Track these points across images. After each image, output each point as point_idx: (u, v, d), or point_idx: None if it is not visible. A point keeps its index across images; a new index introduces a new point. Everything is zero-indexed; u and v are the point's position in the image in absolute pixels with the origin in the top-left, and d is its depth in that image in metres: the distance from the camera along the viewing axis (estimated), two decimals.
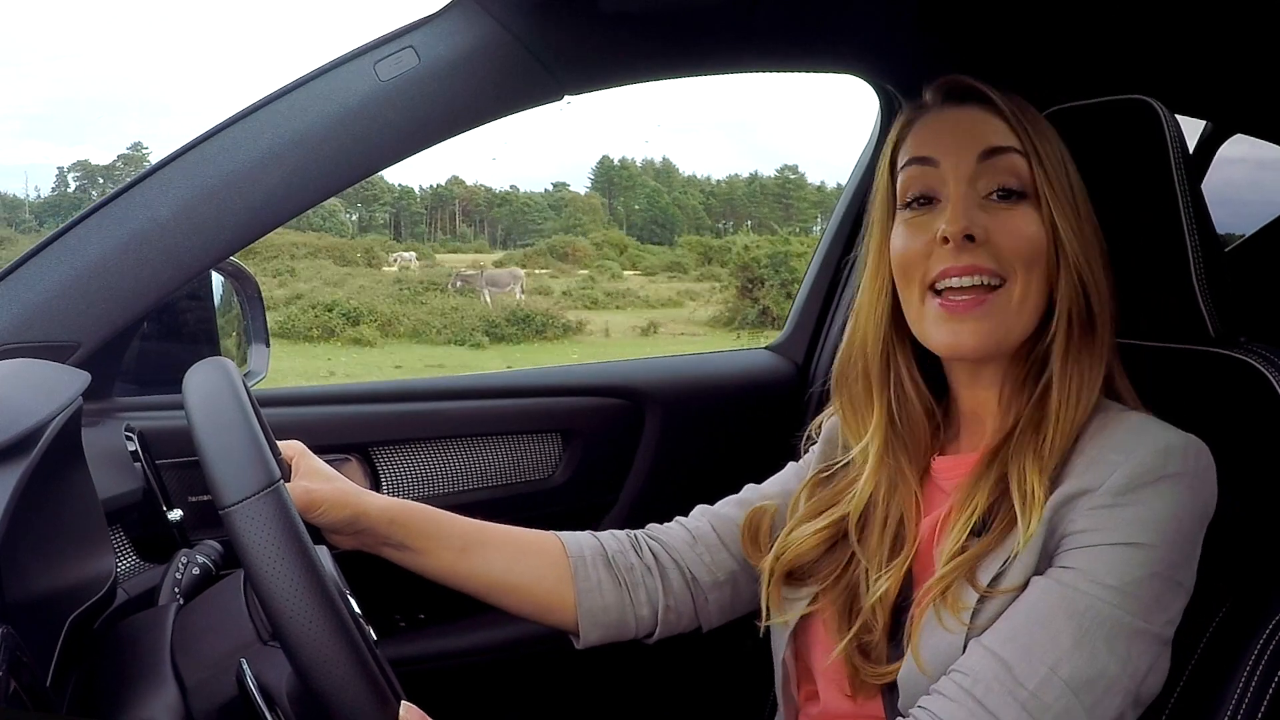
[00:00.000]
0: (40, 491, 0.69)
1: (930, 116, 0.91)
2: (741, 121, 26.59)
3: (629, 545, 1.03)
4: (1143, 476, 0.78)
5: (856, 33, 1.38)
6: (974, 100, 0.89)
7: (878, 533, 0.91)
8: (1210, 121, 1.92)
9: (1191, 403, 0.90)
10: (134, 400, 1.24)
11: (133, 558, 1.07)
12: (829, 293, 1.67)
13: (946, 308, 0.85)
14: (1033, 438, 0.83)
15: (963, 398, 0.93)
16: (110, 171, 21.67)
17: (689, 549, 1.03)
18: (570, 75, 1.18)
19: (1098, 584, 0.76)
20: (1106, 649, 0.75)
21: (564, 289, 15.10)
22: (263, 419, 0.78)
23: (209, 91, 26.33)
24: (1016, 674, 0.75)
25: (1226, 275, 0.96)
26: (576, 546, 1.01)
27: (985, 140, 0.86)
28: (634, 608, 1.00)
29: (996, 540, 0.82)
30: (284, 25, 32.75)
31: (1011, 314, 0.85)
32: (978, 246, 0.84)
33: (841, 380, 0.97)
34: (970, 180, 0.86)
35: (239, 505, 0.65)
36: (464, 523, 1.01)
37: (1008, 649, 0.76)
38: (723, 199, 20.97)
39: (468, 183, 22.60)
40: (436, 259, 17.87)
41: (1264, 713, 0.83)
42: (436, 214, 22.76)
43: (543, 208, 22.13)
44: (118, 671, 0.76)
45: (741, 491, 1.09)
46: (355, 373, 10.02)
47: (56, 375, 0.84)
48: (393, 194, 21.87)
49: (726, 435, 1.61)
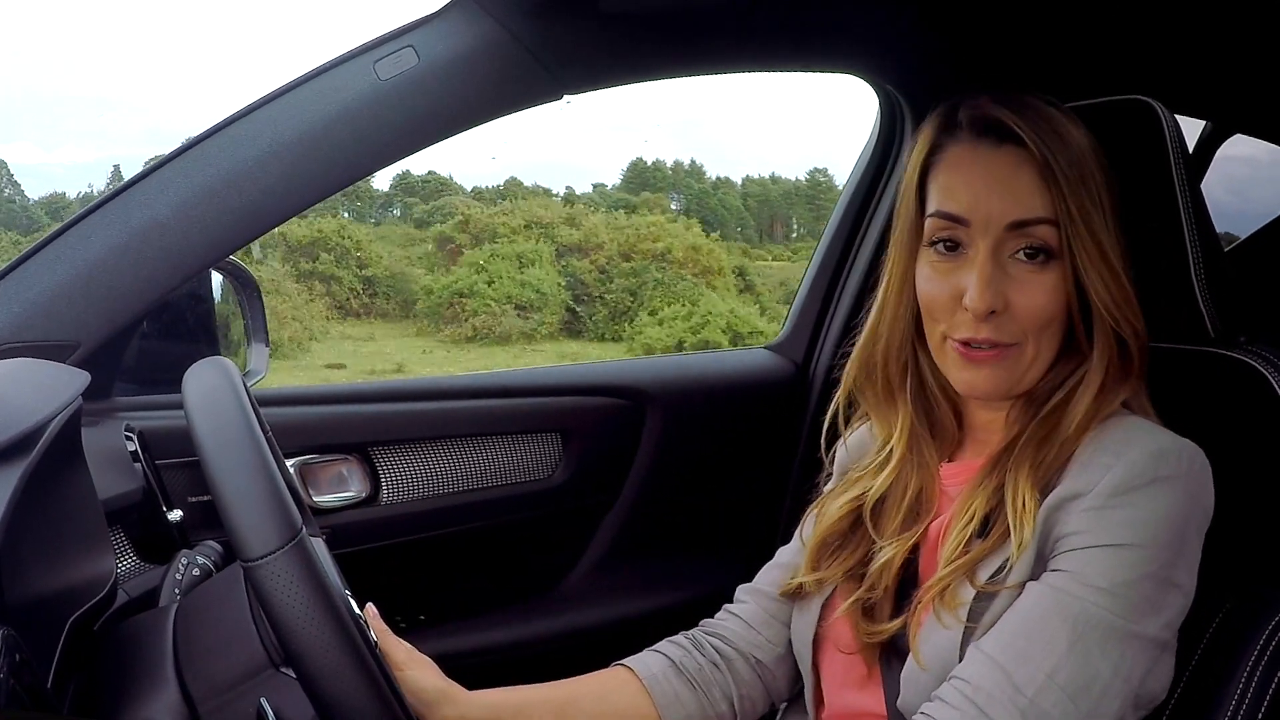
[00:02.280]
0: (40, 492, 0.69)
1: (962, 152, 0.88)
2: (757, 119, 26.51)
3: (692, 647, 1.04)
4: (1134, 479, 0.79)
5: (856, 33, 1.38)
6: (1007, 140, 0.85)
7: (893, 513, 0.94)
8: (1210, 121, 1.92)
9: (1191, 403, 0.91)
10: (134, 400, 1.24)
11: (133, 558, 1.07)
12: (829, 293, 1.67)
13: (964, 355, 0.87)
14: (1034, 452, 0.85)
15: (973, 413, 0.95)
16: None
17: (746, 634, 1.05)
18: (570, 75, 1.17)
19: (1089, 586, 0.77)
20: (1100, 653, 0.76)
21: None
22: (263, 420, 0.78)
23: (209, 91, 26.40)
24: (1016, 681, 0.76)
25: (1226, 275, 0.96)
26: (645, 668, 1.02)
27: (1017, 208, 0.84)
28: (712, 705, 1.02)
29: (995, 545, 0.83)
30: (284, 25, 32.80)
31: (1025, 367, 0.87)
32: (998, 317, 0.84)
33: (865, 381, 0.98)
34: (996, 245, 0.85)
35: (262, 561, 0.63)
36: (546, 690, 1.00)
37: (1005, 655, 0.78)
38: (758, 199, 20.78)
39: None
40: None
41: (1264, 713, 0.83)
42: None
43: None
44: (119, 672, 0.76)
45: (776, 555, 1.10)
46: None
47: (56, 375, 0.84)
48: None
49: (726, 435, 1.61)
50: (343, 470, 1.36)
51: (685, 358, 1.75)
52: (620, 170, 22.22)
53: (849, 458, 1.05)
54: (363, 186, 14.22)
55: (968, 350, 0.86)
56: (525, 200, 13.56)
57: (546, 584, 1.54)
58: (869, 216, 1.63)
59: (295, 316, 10.57)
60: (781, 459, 1.66)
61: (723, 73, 1.36)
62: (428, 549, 1.42)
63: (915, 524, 0.93)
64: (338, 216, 12.83)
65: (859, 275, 1.63)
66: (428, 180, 15.29)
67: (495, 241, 12.18)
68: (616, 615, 1.52)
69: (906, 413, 0.95)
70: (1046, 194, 0.84)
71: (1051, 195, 0.84)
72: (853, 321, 1.63)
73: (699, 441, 1.58)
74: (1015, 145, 0.85)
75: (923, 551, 0.92)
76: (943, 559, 0.85)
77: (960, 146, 0.88)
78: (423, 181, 15.32)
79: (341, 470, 1.36)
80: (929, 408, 0.96)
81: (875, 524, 0.96)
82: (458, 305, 11.25)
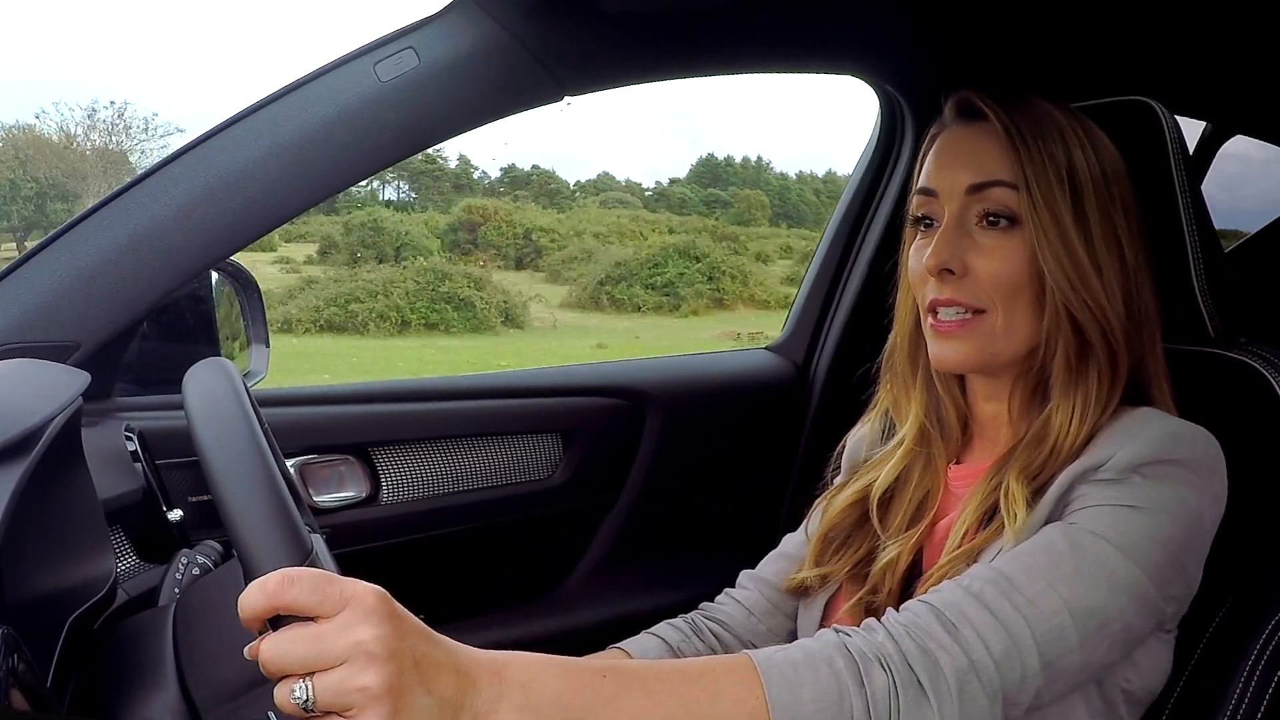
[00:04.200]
0: (40, 492, 0.69)
1: (943, 137, 0.93)
2: (790, 115, 26.60)
3: (690, 632, 1.04)
4: (1148, 457, 0.79)
5: (857, 33, 1.38)
6: (979, 118, 0.89)
7: (899, 509, 0.95)
8: (1210, 122, 1.92)
9: (1191, 403, 0.90)
10: (134, 400, 1.24)
11: (133, 558, 1.07)
12: (829, 293, 1.67)
13: (936, 328, 0.89)
14: (1032, 453, 0.85)
15: (978, 408, 0.96)
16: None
17: (747, 622, 1.05)
18: (570, 75, 1.17)
19: (1099, 535, 0.76)
20: (1107, 587, 0.74)
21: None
22: (264, 421, 0.78)
23: (208, 91, 26.38)
24: (1015, 582, 0.74)
25: (1226, 275, 0.96)
26: (641, 652, 1.01)
27: (977, 172, 0.87)
28: None
29: (995, 534, 0.83)
30: (284, 25, 32.75)
31: (997, 339, 0.87)
32: (958, 279, 0.87)
33: (885, 369, 1.02)
34: (959, 212, 0.88)
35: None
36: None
37: (1010, 566, 0.76)
38: (830, 196, 20.80)
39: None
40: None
41: (1264, 713, 0.83)
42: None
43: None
44: (118, 672, 0.76)
45: (781, 544, 1.10)
46: None
47: (56, 375, 0.84)
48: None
49: (726, 435, 1.61)
50: (343, 470, 1.36)
51: (686, 358, 1.75)
52: (688, 164, 22.64)
53: (860, 450, 1.06)
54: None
55: (937, 322, 0.89)
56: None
57: (546, 585, 1.54)
58: (869, 217, 1.63)
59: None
60: (782, 459, 1.66)
61: (723, 73, 1.36)
62: (428, 549, 1.42)
63: (920, 523, 0.93)
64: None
65: (860, 276, 1.63)
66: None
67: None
68: (616, 616, 1.52)
69: (918, 406, 0.97)
70: (1006, 160, 0.86)
71: (1011, 162, 0.86)
72: (853, 323, 1.63)
73: (699, 442, 1.58)
74: (983, 122, 0.89)
75: (927, 551, 0.92)
76: (945, 550, 0.86)
77: (945, 132, 0.93)
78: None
79: (342, 470, 1.36)
80: (937, 405, 0.97)
81: (881, 519, 0.96)
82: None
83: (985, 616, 0.72)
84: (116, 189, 1.05)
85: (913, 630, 0.71)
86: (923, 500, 0.95)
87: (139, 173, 1.06)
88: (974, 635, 0.71)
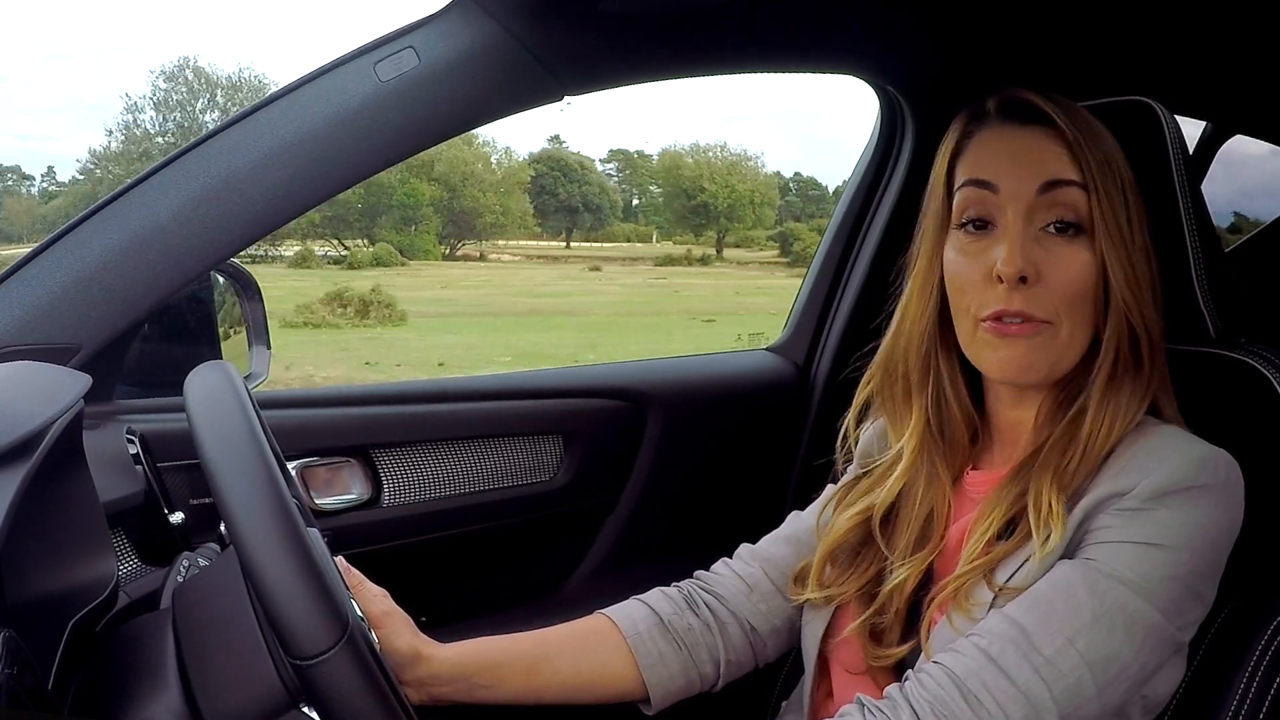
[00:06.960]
0: (41, 495, 0.69)
1: (990, 133, 0.88)
2: (794, 112, 26.81)
3: (684, 604, 1.02)
4: (1174, 484, 0.78)
5: (857, 33, 1.38)
6: (1037, 121, 0.86)
7: (904, 529, 0.92)
8: (1210, 122, 1.92)
9: (1192, 404, 0.90)
10: (135, 403, 1.23)
11: (134, 561, 1.07)
12: (830, 293, 1.67)
13: (996, 331, 0.84)
14: (1059, 457, 0.83)
15: (1000, 415, 0.93)
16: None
17: (745, 600, 1.03)
18: (570, 76, 1.17)
19: (1117, 577, 0.76)
20: (1124, 634, 0.75)
21: None
22: (265, 423, 0.78)
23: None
24: (1034, 640, 0.75)
25: (1226, 275, 0.96)
26: (629, 623, 0.99)
27: (1047, 171, 0.84)
28: (697, 667, 1.00)
29: (1015, 547, 0.82)
30: (284, 26, 32.73)
31: (1059, 349, 0.85)
32: (1029, 288, 0.83)
33: (884, 381, 0.96)
34: (1029, 212, 0.84)
35: (315, 662, 0.61)
36: (523, 640, 1.00)
37: (1027, 617, 0.76)
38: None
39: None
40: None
41: (1265, 714, 0.83)
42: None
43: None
44: (120, 675, 0.76)
45: (785, 524, 1.08)
46: None
47: (57, 378, 0.84)
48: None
49: (727, 437, 1.61)
50: (344, 473, 1.36)
51: (686, 360, 1.75)
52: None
53: (874, 444, 1.02)
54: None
55: (1000, 325, 0.84)
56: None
57: (548, 586, 1.54)
58: (870, 218, 1.63)
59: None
60: (783, 461, 1.66)
61: (723, 73, 1.36)
62: (429, 551, 1.42)
63: (927, 544, 0.90)
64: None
65: (860, 277, 1.63)
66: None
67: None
68: None
69: (921, 418, 0.93)
70: (1075, 165, 0.84)
71: (1080, 168, 0.84)
72: (854, 323, 1.63)
73: (700, 443, 1.58)
74: (1043, 125, 0.85)
75: (939, 558, 0.90)
76: (963, 558, 0.84)
77: (988, 129, 0.88)
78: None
79: (343, 473, 1.36)
80: (944, 417, 0.93)
81: (886, 539, 0.93)
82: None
83: (1005, 685, 0.74)
84: (117, 190, 1.05)
85: (937, 708, 0.73)
86: (928, 516, 0.92)
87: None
88: (996, 709, 0.73)
